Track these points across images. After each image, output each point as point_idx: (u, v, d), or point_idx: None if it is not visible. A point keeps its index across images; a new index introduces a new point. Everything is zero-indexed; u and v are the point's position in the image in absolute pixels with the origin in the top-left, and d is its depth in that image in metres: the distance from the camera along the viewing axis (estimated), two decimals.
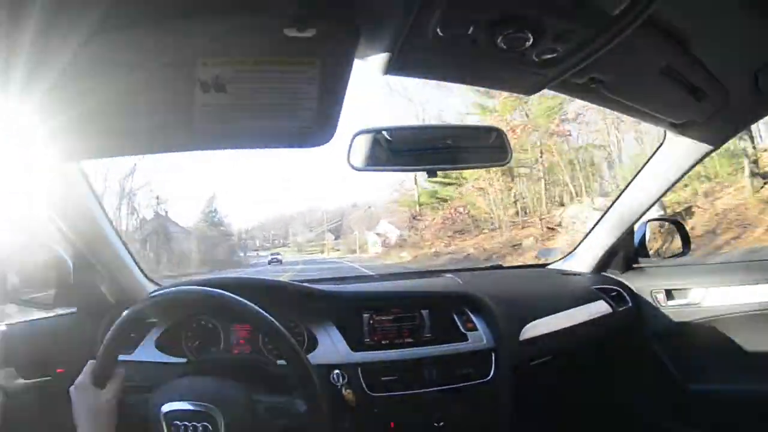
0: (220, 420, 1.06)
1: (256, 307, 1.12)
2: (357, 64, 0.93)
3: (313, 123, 0.97)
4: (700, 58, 1.10)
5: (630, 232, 1.99)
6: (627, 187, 1.88)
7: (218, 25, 0.85)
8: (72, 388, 1.10)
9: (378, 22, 0.85)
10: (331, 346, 1.50)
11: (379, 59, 0.93)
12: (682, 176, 1.70)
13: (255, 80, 0.91)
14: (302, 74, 0.90)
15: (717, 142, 1.52)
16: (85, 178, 1.37)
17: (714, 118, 1.39)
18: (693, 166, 1.65)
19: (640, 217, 1.90)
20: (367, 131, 1.33)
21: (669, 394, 1.93)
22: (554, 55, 0.91)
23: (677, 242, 2.04)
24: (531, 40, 0.84)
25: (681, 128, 1.50)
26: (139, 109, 0.95)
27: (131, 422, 1.12)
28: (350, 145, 1.33)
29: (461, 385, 1.50)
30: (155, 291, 1.64)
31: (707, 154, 1.59)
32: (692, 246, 2.04)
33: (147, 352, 1.46)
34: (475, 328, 1.59)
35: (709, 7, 0.95)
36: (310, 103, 0.94)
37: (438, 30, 0.81)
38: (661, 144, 1.66)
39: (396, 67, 0.94)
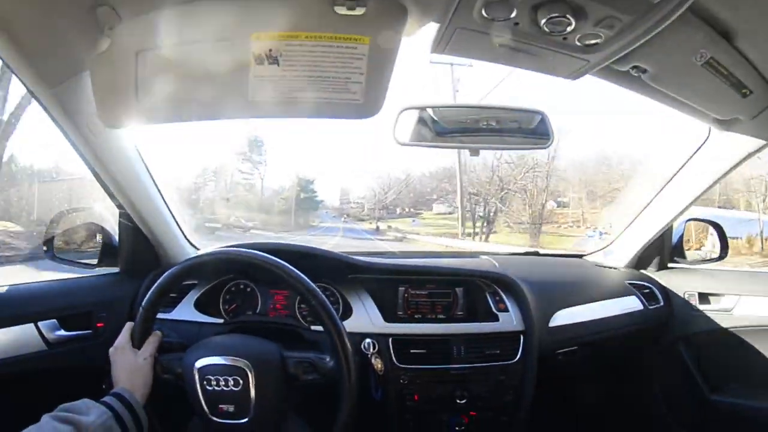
0: (250, 373, 1.11)
1: (296, 271, 1.17)
2: (404, 42, 0.98)
3: (361, 96, 1.02)
4: (745, 52, 1.09)
5: (668, 229, 1.96)
6: (667, 183, 1.84)
7: (269, 1, 0.92)
8: (111, 349, 1.19)
9: (425, 3, 0.89)
10: (365, 315, 1.55)
11: (427, 39, 0.97)
12: (724, 175, 1.66)
13: (306, 54, 0.97)
14: (352, 50, 0.96)
15: (761, 143, 1.48)
16: (134, 144, 1.44)
17: (760, 116, 1.36)
18: (736, 165, 1.61)
19: (679, 215, 1.87)
20: (413, 108, 1.36)
21: (688, 401, 1.90)
22: (596, 41, 0.93)
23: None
24: (573, 24, 0.86)
25: (725, 125, 1.47)
26: (198, 79, 1.02)
27: (167, 379, 1.20)
28: (396, 121, 1.37)
29: (487, 364, 1.53)
30: (195, 253, 1.72)
31: (751, 154, 1.54)
32: None
33: (185, 311, 1.55)
34: (506, 310, 1.61)
35: (756, 1, 0.94)
36: (360, 78, 0.99)
37: (483, 12, 0.85)
38: (705, 140, 1.61)
39: (442, 46, 0.98)
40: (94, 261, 1.66)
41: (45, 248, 1.61)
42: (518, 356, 1.55)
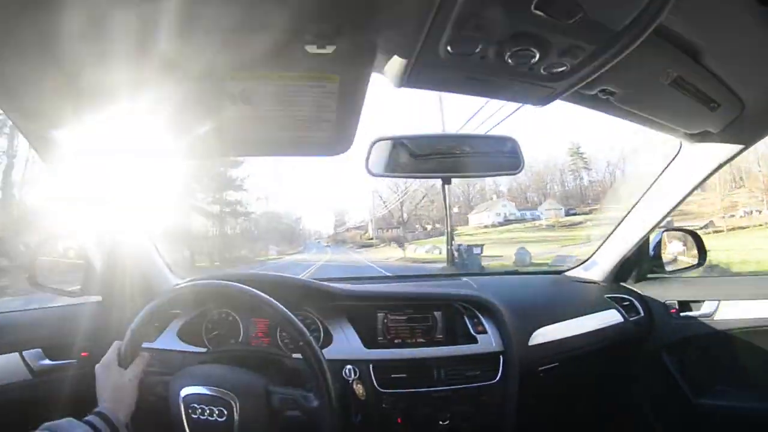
0: (235, 406, 1.12)
1: (275, 302, 1.18)
2: (373, 77, 0.99)
3: (332, 133, 1.04)
4: (712, 69, 1.11)
5: (645, 241, 1.99)
6: (642, 196, 1.88)
7: (243, 42, 0.92)
8: (97, 366, 1.18)
9: (392, 41, 0.90)
10: (345, 342, 1.55)
11: (395, 74, 0.98)
12: (697, 186, 1.70)
13: (278, 94, 0.98)
14: (322, 88, 0.97)
15: (733, 152, 1.51)
16: (116, 174, 1.43)
17: (729, 128, 1.39)
18: (709, 176, 1.64)
19: (656, 226, 1.90)
20: (385, 139, 1.37)
21: (675, 407, 1.93)
22: (562, 69, 0.94)
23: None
24: (537, 56, 0.88)
25: (696, 138, 1.51)
26: (174, 118, 1.03)
27: (151, 402, 1.20)
28: (369, 152, 1.38)
29: (468, 386, 1.53)
30: (178, 284, 1.70)
31: (723, 164, 1.58)
32: None
33: (169, 340, 1.53)
34: (484, 331, 1.62)
35: (720, 20, 0.96)
36: (330, 116, 1.01)
37: (448, 48, 0.86)
38: (677, 153, 1.66)
39: (410, 81, 0.98)
40: (76, 288, 1.65)
41: (27, 275, 1.59)
42: (498, 376, 1.56)
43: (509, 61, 0.89)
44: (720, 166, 1.59)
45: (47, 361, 1.48)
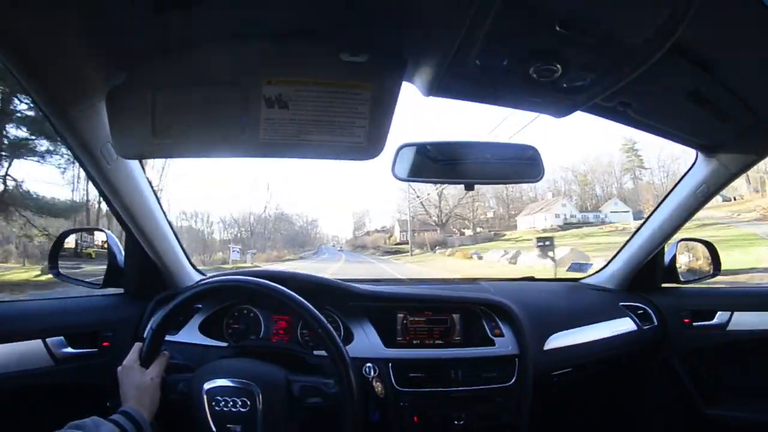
0: (258, 395, 1.18)
1: (300, 298, 1.23)
2: (404, 86, 1.05)
3: (364, 139, 1.08)
4: (726, 82, 1.14)
5: (661, 251, 2.01)
6: (659, 206, 1.90)
7: (280, 48, 0.98)
8: (119, 369, 1.24)
9: (424, 52, 0.96)
10: (365, 341, 1.59)
11: (425, 83, 1.04)
12: (712, 196, 1.72)
13: (313, 99, 1.04)
14: (356, 96, 1.03)
15: (746, 162, 1.54)
16: (144, 173, 1.50)
17: (743, 139, 1.42)
18: (723, 186, 1.66)
19: (671, 236, 1.92)
20: (411, 145, 1.42)
21: (686, 416, 1.94)
22: (583, 82, 1.00)
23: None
24: (560, 70, 0.93)
25: (711, 149, 1.54)
26: (211, 118, 1.09)
27: (175, 398, 1.24)
28: (395, 157, 1.42)
29: (484, 387, 1.56)
30: (201, 279, 1.75)
31: (737, 175, 1.60)
32: None
33: (191, 334, 1.58)
34: (502, 335, 1.65)
35: (735, 34, 0.98)
36: (362, 122, 1.06)
37: (477, 61, 0.92)
38: (693, 164, 1.68)
39: (439, 90, 1.04)
40: (99, 279, 1.71)
41: (50, 265, 1.65)
42: (514, 379, 1.58)
43: (533, 75, 0.94)
44: (734, 177, 1.61)
45: (69, 349, 1.52)
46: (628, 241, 2.07)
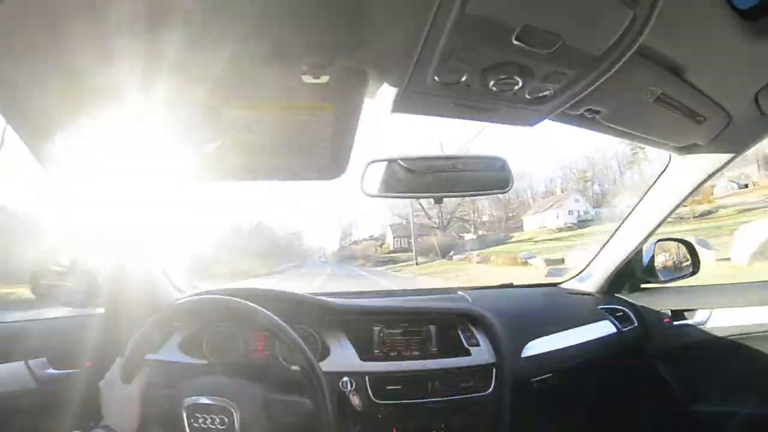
0: (236, 414, 1.18)
1: (274, 317, 1.25)
2: (367, 104, 1.03)
3: (328, 159, 1.08)
4: (696, 84, 1.14)
5: (639, 252, 2.02)
6: (635, 208, 1.91)
7: (243, 73, 0.96)
8: (101, 383, 1.23)
9: (383, 70, 0.94)
10: (341, 355, 1.59)
11: (387, 101, 1.02)
12: (688, 197, 1.73)
13: (276, 122, 1.02)
14: (318, 116, 1.01)
15: (721, 162, 1.54)
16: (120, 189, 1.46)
17: (717, 140, 1.42)
18: (698, 186, 1.68)
19: (648, 237, 1.93)
20: (379, 160, 1.40)
21: (671, 415, 1.95)
22: (546, 93, 0.99)
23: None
24: (520, 83, 0.92)
25: (685, 151, 1.54)
26: (173, 142, 1.07)
27: (155, 414, 1.24)
28: (363, 173, 1.40)
29: (462, 397, 1.57)
30: (180, 298, 1.75)
31: (711, 175, 1.61)
32: None
33: (170, 352, 1.58)
34: (477, 344, 1.66)
35: (701, 36, 0.98)
36: (325, 142, 1.05)
37: (435, 77, 0.90)
38: (667, 166, 1.69)
39: (401, 107, 1.03)
40: (79, 299, 1.67)
41: (31, 286, 1.61)
42: (491, 388, 1.59)
43: (494, 88, 0.93)
44: (710, 176, 1.62)
45: (52, 370, 1.53)
46: (605, 244, 2.08)
